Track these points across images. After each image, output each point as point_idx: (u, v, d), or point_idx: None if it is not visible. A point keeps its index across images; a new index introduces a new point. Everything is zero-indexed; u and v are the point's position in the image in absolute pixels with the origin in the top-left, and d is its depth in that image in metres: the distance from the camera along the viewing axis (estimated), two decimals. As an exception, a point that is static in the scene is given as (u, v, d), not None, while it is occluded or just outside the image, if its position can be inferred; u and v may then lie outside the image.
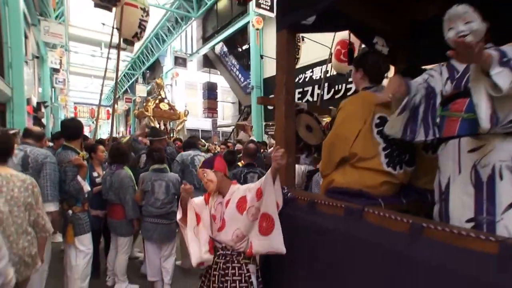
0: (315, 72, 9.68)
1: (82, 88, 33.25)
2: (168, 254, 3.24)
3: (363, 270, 1.53)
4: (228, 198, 1.94)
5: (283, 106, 2.15)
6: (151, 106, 7.12)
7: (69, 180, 2.75)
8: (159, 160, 3.25)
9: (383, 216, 1.54)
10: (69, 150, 2.87)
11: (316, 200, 1.94)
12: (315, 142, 2.48)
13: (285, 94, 2.15)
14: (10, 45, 8.66)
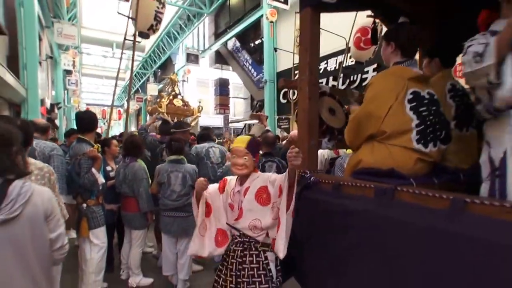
0: (329, 64, 9.50)
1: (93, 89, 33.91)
2: (184, 248, 3.18)
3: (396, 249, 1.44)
4: (247, 186, 1.87)
5: (307, 87, 2.07)
6: (164, 102, 7.08)
7: (83, 173, 2.73)
8: (176, 151, 3.19)
9: (418, 194, 1.43)
10: (84, 142, 2.85)
11: (342, 182, 1.85)
12: (338, 125, 2.38)
13: (309, 74, 2.07)
14: (25, 46, 8.82)
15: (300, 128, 2.15)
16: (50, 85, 15.65)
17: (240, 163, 1.84)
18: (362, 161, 1.82)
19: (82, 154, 2.76)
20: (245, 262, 1.84)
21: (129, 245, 3.41)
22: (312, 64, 2.09)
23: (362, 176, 1.80)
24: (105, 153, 3.49)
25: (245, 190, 1.87)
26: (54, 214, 1.40)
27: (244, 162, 1.84)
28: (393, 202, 1.55)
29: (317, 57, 2.14)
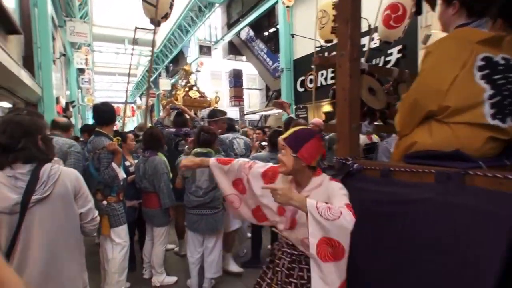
0: (351, 47, 9.14)
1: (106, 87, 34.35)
2: (212, 246, 3.04)
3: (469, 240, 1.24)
4: (305, 195, 1.56)
5: (348, 63, 1.85)
6: (180, 95, 6.94)
7: (103, 168, 2.63)
8: (203, 143, 2.97)
9: (501, 178, 1.22)
10: (102, 136, 2.75)
11: (393, 168, 1.63)
12: (379, 106, 2.17)
13: (350, 49, 1.85)
14: (40, 45, 8.85)
15: (340, 109, 1.94)
16: (64, 84, 15.85)
17: (279, 157, 1.61)
18: (416, 144, 1.61)
19: (102, 148, 2.66)
20: (292, 276, 1.63)
21: (151, 243, 3.30)
22: (353, 37, 1.87)
23: (416, 160, 1.60)
24: (122, 148, 3.37)
25: None
26: (82, 192, 1.65)
27: (281, 156, 1.60)
28: (462, 189, 1.35)
29: (359, 29, 1.93)
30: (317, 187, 1.60)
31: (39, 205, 1.46)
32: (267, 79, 14.87)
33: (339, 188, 1.55)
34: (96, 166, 2.68)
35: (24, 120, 1.48)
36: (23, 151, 1.44)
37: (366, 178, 1.80)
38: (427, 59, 1.60)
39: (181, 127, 4.34)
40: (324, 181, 1.61)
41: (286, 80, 11.60)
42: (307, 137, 1.63)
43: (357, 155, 1.98)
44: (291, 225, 1.62)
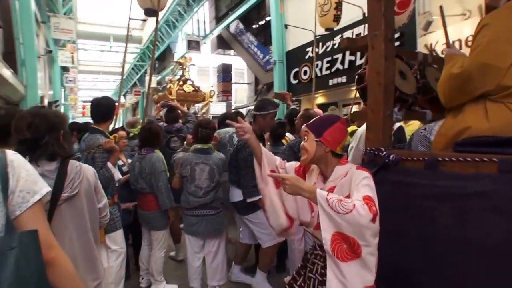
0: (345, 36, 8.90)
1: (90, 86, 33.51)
2: (215, 250, 2.76)
3: None
4: (331, 186, 1.45)
5: (382, 44, 1.65)
6: (174, 89, 6.62)
7: (98, 168, 2.34)
8: (203, 139, 2.72)
9: None
10: (98, 133, 2.49)
11: (441, 158, 1.40)
12: (410, 90, 1.96)
13: (384, 28, 1.64)
14: (22, 41, 8.35)
15: (373, 95, 1.73)
16: (47, 83, 15.26)
17: (302, 144, 1.48)
18: (470, 129, 1.39)
19: (97, 146, 2.40)
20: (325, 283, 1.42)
21: (148, 248, 3.01)
22: (387, 15, 1.66)
23: (470, 148, 1.36)
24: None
25: (328, 191, 1.38)
26: (99, 187, 1.71)
27: (304, 143, 1.47)
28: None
29: (392, 6, 1.71)
30: (343, 177, 1.43)
31: (68, 203, 1.48)
32: (258, 72, 14.56)
33: (363, 178, 1.35)
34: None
35: (49, 114, 1.45)
36: (46, 147, 1.41)
37: (406, 170, 1.58)
38: (483, 32, 1.38)
39: (173, 123, 4.11)
40: (350, 171, 1.43)
41: (279, 73, 11.33)
42: (332, 121, 1.49)
43: (389, 145, 1.75)
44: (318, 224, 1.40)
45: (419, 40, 6.66)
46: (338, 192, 1.38)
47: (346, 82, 8.90)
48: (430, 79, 2.13)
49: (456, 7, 6.19)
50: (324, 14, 5.28)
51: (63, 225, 1.46)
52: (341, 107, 10.12)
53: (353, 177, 1.38)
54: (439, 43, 6.25)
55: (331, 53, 9.40)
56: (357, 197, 1.26)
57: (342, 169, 1.45)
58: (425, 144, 1.73)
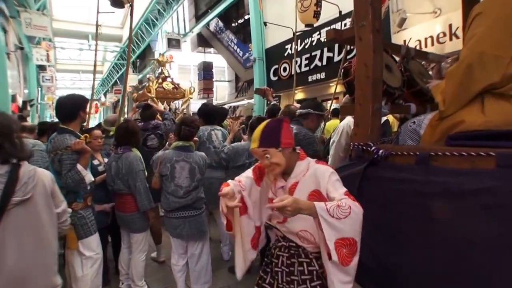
0: (323, 34, 8.87)
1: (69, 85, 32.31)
2: (199, 253, 2.56)
3: None
4: (293, 182, 1.40)
5: (370, 35, 1.53)
6: (153, 86, 6.36)
7: (65, 171, 2.11)
8: (185, 137, 2.53)
9: None
10: (67, 133, 2.22)
11: (433, 153, 1.28)
12: (396, 83, 1.86)
13: (372, 19, 1.53)
14: (-13, 36, 7.83)
15: (361, 88, 1.61)
16: (22, 82, 14.45)
17: (266, 164, 1.37)
18: (464, 123, 1.28)
19: (65, 147, 2.13)
20: (293, 273, 1.40)
21: (128, 251, 2.77)
22: (375, 4, 1.55)
23: (465, 141, 1.26)
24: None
25: (291, 187, 1.40)
26: (56, 192, 1.60)
27: (269, 161, 1.35)
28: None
29: None
30: (304, 172, 1.39)
31: (20, 207, 1.39)
32: (238, 70, 14.37)
33: (330, 173, 1.32)
34: (56, 169, 2.16)
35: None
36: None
37: (396, 166, 1.47)
38: (478, 22, 1.26)
39: (149, 120, 3.87)
40: (310, 165, 1.41)
41: (259, 70, 11.20)
42: (279, 126, 1.41)
43: (378, 140, 1.63)
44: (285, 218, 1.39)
45: (393, 36, 6.71)
46: (301, 187, 1.36)
47: (325, 78, 8.88)
48: (414, 72, 2.05)
49: (427, 5, 6.26)
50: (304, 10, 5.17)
51: (14, 229, 1.38)
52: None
53: (317, 173, 1.34)
54: (413, 40, 6.32)
55: (309, 50, 9.36)
56: (339, 195, 1.24)
57: (303, 165, 1.41)
58: (414, 138, 1.63)
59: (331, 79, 8.48)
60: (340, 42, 1.93)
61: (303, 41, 9.43)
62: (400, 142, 1.73)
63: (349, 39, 1.74)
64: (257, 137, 1.38)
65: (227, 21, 14.99)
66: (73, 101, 2.31)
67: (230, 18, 14.99)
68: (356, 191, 1.50)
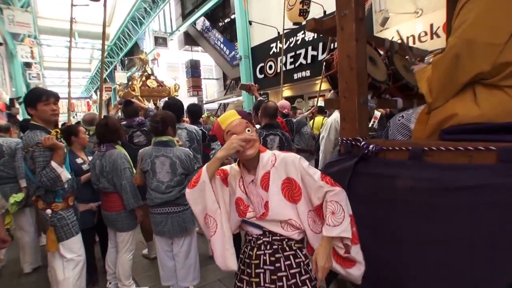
0: (307, 34, 8.79)
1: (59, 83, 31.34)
2: (186, 250, 2.42)
3: None
4: (263, 173, 1.29)
5: (353, 24, 1.41)
6: (137, 85, 6.17)
7: (39, 168, 1.96)
8: (154, 132, 2.40)
9: None
10: (38, 129, 2.06)
11: (427, 148, 1.19)
12: (381, 77, 1.76)
13: (355, 5, 1.40)
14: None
15: (344, 81, 1.49)
16: (8, 80, 13.89)
17: (247, 138, 1.22)
18: (457, 116, 1.18)
19: (36, 144, 1.98)
20: (280, 270, 1.28)
21: (115, 251, 2.63)
22: None
23: (461, 135, 1.16)
24: (72, 143, 2.69)
25: (263, 178, 1.28)
26: None
27: (251, 136, 1.24)
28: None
29: None
30: (273, 161, 1.30)
31: None
32: (225, 68, 14.19)
33: (299, 159, 1.29)
34: (30, 167, 2.01)
35: None
36: None
37: (387, 161, 1.37)
38: (468, 7, 1.15)
39: (133, 117, 3.62)
40: (276, 155, 1.32)
41: (245, 68, 11.06)
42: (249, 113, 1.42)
43: (367, 135, 1.53)
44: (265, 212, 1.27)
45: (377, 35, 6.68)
46: (274, 177, 1.28)
47: (310, 76, 8.84)
48: (398, 67, 1.97)
49: (409, 5, 6.26)
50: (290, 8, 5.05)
51: None
52: (306, 100, 10.08)
53: (286, 161, 1.28)
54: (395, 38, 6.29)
55: (294, 49, 9.27)
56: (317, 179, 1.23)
57: (266, 156, 1.31)
58: (404, 133, 1.54)
59: (316, 77, 8.43)
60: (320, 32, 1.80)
61: (288, 40, 9.34)
62: (389, 137, 1.64)
63: (331, 29, 1.60)
64: (234, 112, 1.30)
65: (213, 20, 14.78)
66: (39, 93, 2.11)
67: (216, 17, 14.79)
68: (347, 187, 1.41)
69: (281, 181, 1.27)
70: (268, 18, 9.68)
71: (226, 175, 1.36)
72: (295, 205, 1.28)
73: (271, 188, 1.26)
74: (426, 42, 6.06)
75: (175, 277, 2.44)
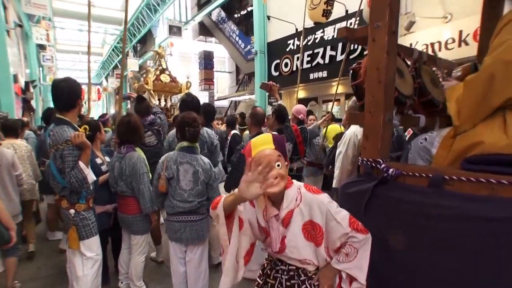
0: (326, 32, 8.74)
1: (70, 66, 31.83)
2: (199, 257, 2.45)
3: None
4: (287, 211, 1.25)
5: (385, 37, 1.41)
6: (151, 79, 6.22)
7: (69, 169, 1.95)
8: (191, 138, 2.35)
9: None
10: (65, 124, 2.02)
11: (447, 177, 1.24)
12: (408, 91, 1.71)
13: (389, 18, 1.41)
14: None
15: (371, 95, 1.49)
16: (23, 61, 14.17)
17: (274, 174, 1.17)
18: (483, 144, 1.21)
19: (65, 141, 1.95)
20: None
21: (128, 252, 2.73)
22: (393, 5, 1.42)
23: (481, 166, 1.20)
24: (95, 140, 2.66)
25: (285, 217, 1.25)
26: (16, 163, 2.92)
27: (278, 172, 1.18)
28: None
29: None
30: (296, 203, 1.25)
31: None
32: (239, 61, 14.17)
33: (328, 202, 1.24)
34: (59, 167, 2.00)
35: None
36: None
37: (407, 187, 1.40)
38: (509, 29, 1.18)
39: (145, 116, 3.48)
40: (301, 193, 1.27)
41: (260, 64, 11.04)
42: (284, 142, 1.29)
43: (387, 156, 1.57)
44: (282, 248, 1.29)
45: (400, 39, 6.57)
46: (296, 218, 1.25)
47: (327, 77, 8.76)
48: (425, 80, 1.92)
49: (438, 9, 6.12)
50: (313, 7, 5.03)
51: None
52: (321, 103, 10.01)
53: (312, 204, 1.24)
54: (420, 44, 6.22)
55: (312, 47, 9.20)
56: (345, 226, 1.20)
57: (291, 193, 1.26)
58: (425, 157, 1.56)
59: (333, 78, 8.37)
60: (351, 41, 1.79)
61: (306, 37, 9.30)
62: (409, 160, 1.67)
63: (362, 38, 1.60)
64: (270, 140, 1.23)
65: (229, 11, 14.71)
66: (70, 87, 2.07)
67: (232, 8, 14.70)
68: (363, 209, 1.46)
69: (302, 222, 1.25)
70: (286, 13, 9.62)
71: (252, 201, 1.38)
72: (315, 246, 1.27)
73: (291, 227, 1.25)
74: (453, 49, 5.86)
75: (185, 283, 2.50)
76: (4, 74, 7.77)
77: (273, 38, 10.85)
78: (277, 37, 10.56)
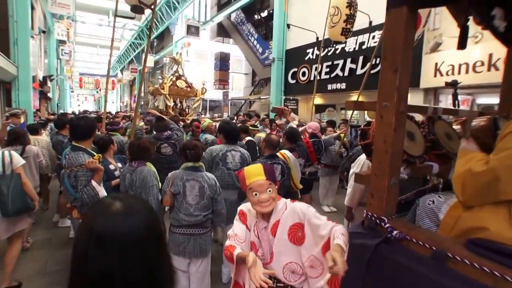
0: (348, 44, 8.64)
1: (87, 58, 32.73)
2: (202, 271, 2.61)
3: None
4: (275, 221, 1.51)
5: (393, 117, 1.48)
6: (167, 84, 6.56)
7: (81, 186, 2.38)
8: (193, 158, 2.66)
9: None
10: (80, 151, 2.46)
11: (451, 255, 1.24)
12: (418, 152, 1.81)
13: (397, 101, 1.48)
14: (16, 19, 8.01)
15: (378, 162, 1.56)
16: (42, 55, 14.79)
17: (266, 198, 1.47)
18: (488, 231, 1.23)
19: (79, 165, 2.37)
20: None
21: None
22: (402, 89, 1.49)
23: (487, 253, 1.20)
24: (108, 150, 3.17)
25: (273, 226, 1.51)
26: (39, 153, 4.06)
27: (270, 196, 1.48)
28: None
29: (408, 77, 1.52)
30: (283, 210, 1.52)
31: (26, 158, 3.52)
32: (256, 66, 14.22)
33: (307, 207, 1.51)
34: (73, 184, 2.42)
35: None
36: None
37: (410, 252, 1.42)
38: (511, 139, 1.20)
39: (163, 132, 4.26)
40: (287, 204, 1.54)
41: (277, 71, 11.06)
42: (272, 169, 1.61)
43: (393, 214, 1.60)
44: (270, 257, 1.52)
45: (424, 57, 6.45)
46: (283, 224, 1.49)
47: (345, 89, 8.70)
48: (439, 134, 1.97)
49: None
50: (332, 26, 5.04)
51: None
52: (338, 110, 9.96)
53: (295, 209, 1.49)
54: (445, 64, 6.06)
55: (332, 58, 9.15)
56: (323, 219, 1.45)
57: (280, 204, 1.53)
58: (433, 219, 1.59)
59: (352, 91, 8.30)
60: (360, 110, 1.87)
61: (326, 48, 9.26)
62: (417, 219, 1.69)
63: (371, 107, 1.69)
64: (261, 171, 1.51)
65: (249, 13, 14.77)
66: (87, 125, 2.59)
67: (252, 10, 14.75)
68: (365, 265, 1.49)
69: (288, 226, 1.48)
70: (307, 21, 9.61)
71: (245, 217, 1.62)
72: (299, 247, 1.46)
73: (278, 234, 1.48)
74: (482, 73, 5.56)
75: None
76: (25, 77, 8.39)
77: (293, 45, 10.85)
78: (297, 45, 10.55)
